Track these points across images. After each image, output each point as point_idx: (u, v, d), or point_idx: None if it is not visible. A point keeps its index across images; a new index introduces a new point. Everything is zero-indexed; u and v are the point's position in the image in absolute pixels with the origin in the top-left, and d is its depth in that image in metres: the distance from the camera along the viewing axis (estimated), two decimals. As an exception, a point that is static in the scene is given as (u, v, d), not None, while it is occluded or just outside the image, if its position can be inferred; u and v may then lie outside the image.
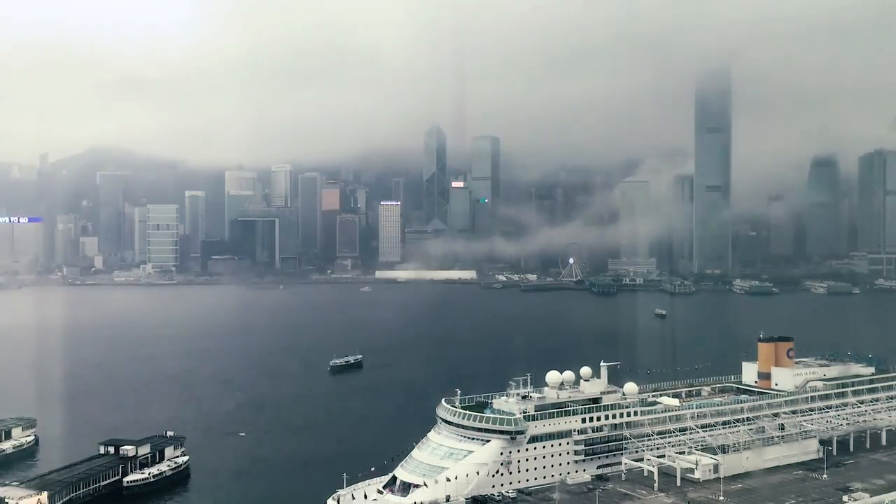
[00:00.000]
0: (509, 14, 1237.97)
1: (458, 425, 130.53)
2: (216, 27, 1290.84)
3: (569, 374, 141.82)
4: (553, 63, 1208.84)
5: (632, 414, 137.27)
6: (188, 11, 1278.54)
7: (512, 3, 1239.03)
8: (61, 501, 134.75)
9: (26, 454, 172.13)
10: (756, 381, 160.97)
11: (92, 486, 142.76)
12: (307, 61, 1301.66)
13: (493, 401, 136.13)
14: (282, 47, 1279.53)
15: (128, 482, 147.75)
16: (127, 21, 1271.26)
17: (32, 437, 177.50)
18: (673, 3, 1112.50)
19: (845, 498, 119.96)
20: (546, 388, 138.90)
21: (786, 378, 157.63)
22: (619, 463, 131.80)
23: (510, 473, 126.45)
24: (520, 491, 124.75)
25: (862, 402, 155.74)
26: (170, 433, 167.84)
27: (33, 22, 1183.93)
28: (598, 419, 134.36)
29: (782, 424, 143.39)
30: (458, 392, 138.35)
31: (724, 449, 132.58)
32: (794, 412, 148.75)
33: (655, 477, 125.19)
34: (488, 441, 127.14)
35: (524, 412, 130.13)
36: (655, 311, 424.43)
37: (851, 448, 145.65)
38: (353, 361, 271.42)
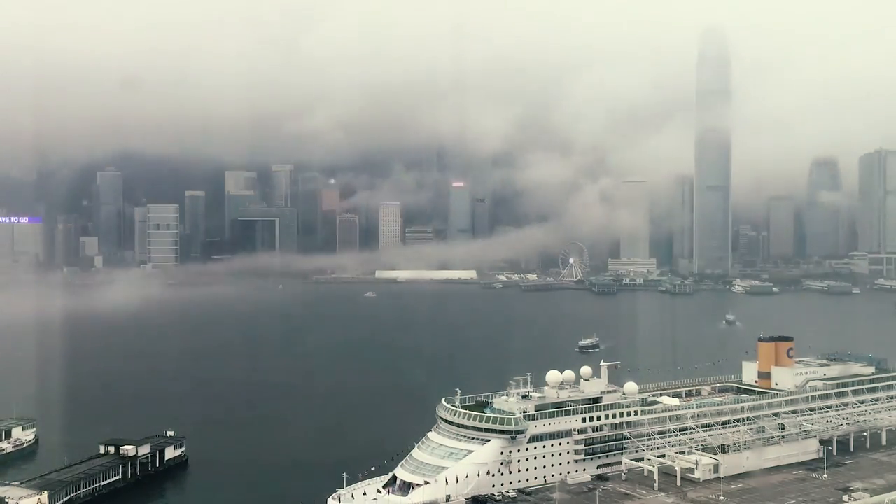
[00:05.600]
0: (509, 14, 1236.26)
1: (458, 425, 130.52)
2: (216, 26, 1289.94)
3: (569, 374, 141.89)
4: (552, 61, 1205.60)
5: (632, 414, 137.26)
6: (189, 10, 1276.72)
7: (512, 4, 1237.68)
8: (61, 501, 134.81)
9: (26, 454, 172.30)
10: (756, 381, 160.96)
11: (92, 486, 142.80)
12: (308, 60, 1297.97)
13: (493, 400, 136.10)
14: (281, 46, 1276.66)
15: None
16: (127, 20, 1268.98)
17: (33, 437, 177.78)
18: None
19: (845, 498, 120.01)
20: (546, 388, 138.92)
21: (786, 378, 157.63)
22: (620, 463, 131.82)
23: (510, 473, 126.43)
24: (520, 491, 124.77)
25: (862, 402, 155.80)
26: (170, 433, 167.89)
27: (33, 22, 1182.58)
28: (599, 419, 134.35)
29: (782, 424, 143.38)
30: (459, 392, 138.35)
31: (724, 449, 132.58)
32: (794, 412, 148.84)
33: (655, 477, 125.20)
34: (488, 441, 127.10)
35: (524, 412, 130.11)
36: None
37: (851, 448, 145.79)
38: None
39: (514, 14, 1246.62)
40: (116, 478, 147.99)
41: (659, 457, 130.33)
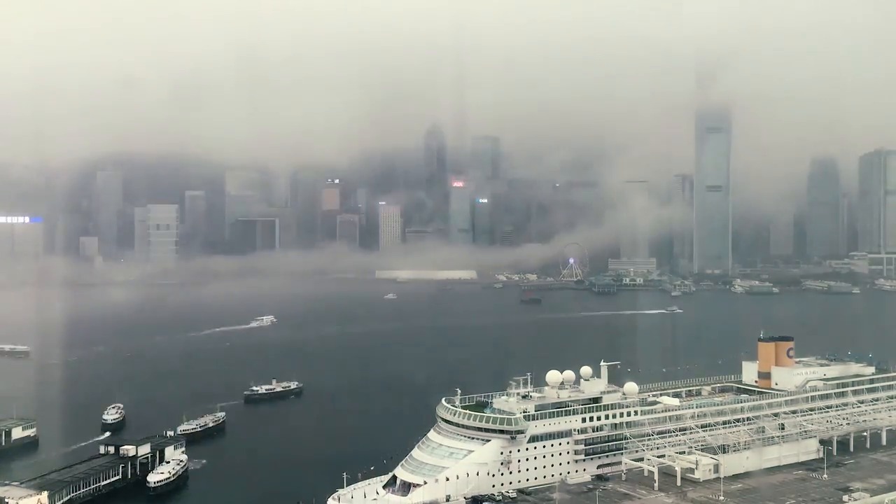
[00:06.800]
0: (509, 14, 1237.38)
1: (458, 425, 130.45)
2: (216, 26, 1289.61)
3: (569, 374, 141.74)
4: (553, 62, 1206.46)
5: (632, 414, 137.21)
6: (188, 10, 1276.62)
7: (512, 3, 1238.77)
8: (61, 501, 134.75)
9: (26, 454, 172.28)
10: (756, 381, 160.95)
11: (92, 486, 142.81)
12: (308, 60, 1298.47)
13: (494, 400, 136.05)
14: (282, 46, 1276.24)
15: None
16: (127, 19, 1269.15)
17: (33, 437, 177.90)
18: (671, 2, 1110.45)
19: (845, 498, 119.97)
20: (546, 388, 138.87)
21: (786, 378, 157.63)
22: (619, 463, 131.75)
23: (510, 473, 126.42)
24: (520, 491, 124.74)
25: (862, 402, 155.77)
26: (169, 433, 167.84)
27: (33, 22, 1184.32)
28: (599, 419, 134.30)
29: (782, 424, 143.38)
30: (459, 391, 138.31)
31: (724, 449, 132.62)
32: (794, 412, 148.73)
33: (655, 477, 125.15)
34: (488, 441, 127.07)
35: (524, 412, 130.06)
36: None
37: (851, 448, 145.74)
38: None
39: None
40: (116, 478, 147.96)
41: (659, 457, 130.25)
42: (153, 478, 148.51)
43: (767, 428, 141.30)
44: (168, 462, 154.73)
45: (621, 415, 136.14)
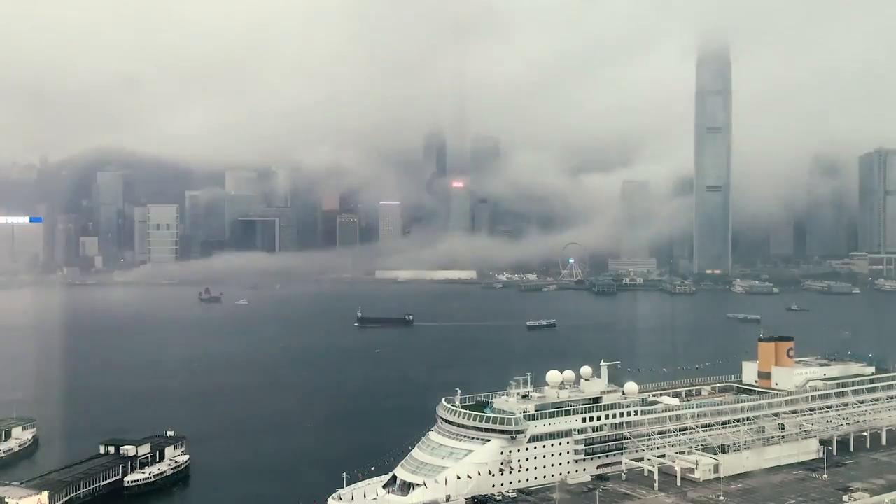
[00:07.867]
0: (509, 13, 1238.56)
1: (458, 425, 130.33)
2: (216, 25, 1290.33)
3: (569, 374, 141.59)
4: (554, 61, 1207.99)
5: (632, 413, 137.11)
6: (187, 8, 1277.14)
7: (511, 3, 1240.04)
8: (61, 501, 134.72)
9: (26, 454, 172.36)
10: (756, 381, 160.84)
11: (92, 486, 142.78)
12: (307, 59, 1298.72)
13: (494, 400, 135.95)
14: (281, 45, 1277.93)
15: (128, 482, 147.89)
16: (125, 18, 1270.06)
17: (32, 437, 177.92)
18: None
19: (845, 498, 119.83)
20: (546, 388, 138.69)
21: (786, 378, 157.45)
22: (619, 463, 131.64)
23: (510, 473, 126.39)
24: (520, 491, 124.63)
25: (862, 402, 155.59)
26: (170, 433, 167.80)
27: (34, 22, 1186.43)
28: (599, 419, 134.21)
29: (782, 424, 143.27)
30: (459, 391, 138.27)
31: (724, 449, 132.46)
32: (794, 412, 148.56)
33: (655, 477, 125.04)
34: (488, 441, 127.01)
35: (524, 412, 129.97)
36: None
37: (851, 448, 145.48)
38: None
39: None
40: (116, 478, 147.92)
41: (659, 457, 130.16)
42: (130, 478, 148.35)
43: (767, 428, 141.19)
44: (161, 462, 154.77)
45: (621, 415, 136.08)
